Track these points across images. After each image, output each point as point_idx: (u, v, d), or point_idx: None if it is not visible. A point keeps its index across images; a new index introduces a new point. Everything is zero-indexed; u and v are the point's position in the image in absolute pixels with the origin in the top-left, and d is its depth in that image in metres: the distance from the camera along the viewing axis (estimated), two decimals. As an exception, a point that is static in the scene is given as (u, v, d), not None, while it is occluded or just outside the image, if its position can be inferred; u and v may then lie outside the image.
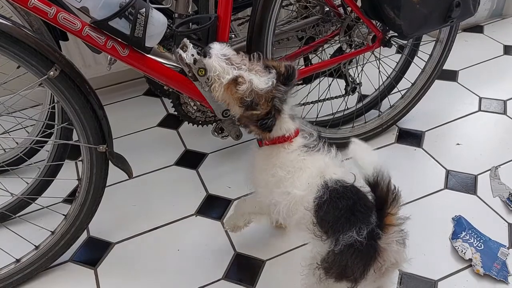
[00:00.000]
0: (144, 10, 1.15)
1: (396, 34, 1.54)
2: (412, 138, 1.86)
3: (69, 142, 1.42)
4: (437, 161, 1.74)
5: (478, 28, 2.56)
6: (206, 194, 1.67)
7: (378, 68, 1.82)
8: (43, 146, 1.66)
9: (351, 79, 1.79)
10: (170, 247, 1.49)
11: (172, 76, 1.31)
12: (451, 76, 2.19)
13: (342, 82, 1.82)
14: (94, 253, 1.49)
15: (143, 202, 1.65)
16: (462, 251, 1.38)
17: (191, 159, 1.83)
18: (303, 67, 1.70)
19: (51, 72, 1.12)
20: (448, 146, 1.81)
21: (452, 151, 1.79)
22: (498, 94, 2.05)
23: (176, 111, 1.57)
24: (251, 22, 1.41)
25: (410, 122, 1.93)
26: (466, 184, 1.64)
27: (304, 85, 1.76)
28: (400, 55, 1.92)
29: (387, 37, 1.61)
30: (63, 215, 1.38)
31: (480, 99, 2.04)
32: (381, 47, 1.65)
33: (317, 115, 1.75)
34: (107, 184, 1.37)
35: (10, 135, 1.51)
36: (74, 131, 1.28)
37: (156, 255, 1.47)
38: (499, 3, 2.57)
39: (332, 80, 1.79)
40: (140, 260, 1.46)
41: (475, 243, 1.40)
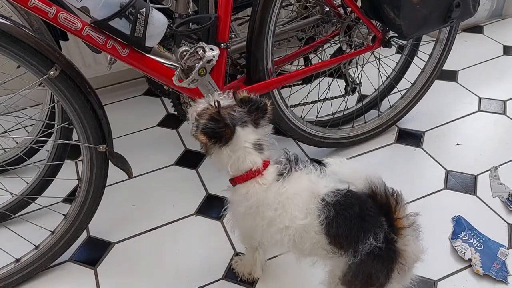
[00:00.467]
0: (144, 10, 1.15)
1: (396, 35, 1.54)
2: (411, 138, 1.86)
3: (69, 142, 1.42)
4: (436, 161, 1.74)
5: (478, 28, 2.56)
6: (206, 194, 1.67)
7: (378, 68, 1.82)
8: (43, 145, 1.66)
9: (351, 79, 1.79)
10: (170, 247, 1.49)
11: (172, 76, 1.31)
12: (451, 76, 2.20)
13: (342, 82, 1.82)
14: (94, 253, 1.49)
15: (143, 202, 1.65)
16: (461, 251, 1.38)
17: (191, 159, 1.82)
18: (303, 67, 1.70)
19: (51, 72, 1.12)
20: (448, 146, 1.81)
21: (451, 151, 1.79)
22: (497, 94, 2.05)
23: (176, 111, 1.57)
24: (251, 22, 1.41)
25: (410, 122, 1.93)
26: (465, 184, 1.64)
27: (304, 85, 1.76)
28: (400, 55, 1.91)
29: (387, 37, 1.62)
30: (63, 214, 1.38)
31: (480, 99, 2.04)
32: (381, 47, 1.65)
33: (317, 115, 1.76)
34: (107, 184, 1.37)
35: (10, 135, 1.51)
36: (74, 130, 1.27)
37: (156, 255, 1.47)
38: (499, 3, 2.57)
39: (332, 80, 1.79)
40: (140, 260, 1.46)
41: (475, 243, 1.40)
